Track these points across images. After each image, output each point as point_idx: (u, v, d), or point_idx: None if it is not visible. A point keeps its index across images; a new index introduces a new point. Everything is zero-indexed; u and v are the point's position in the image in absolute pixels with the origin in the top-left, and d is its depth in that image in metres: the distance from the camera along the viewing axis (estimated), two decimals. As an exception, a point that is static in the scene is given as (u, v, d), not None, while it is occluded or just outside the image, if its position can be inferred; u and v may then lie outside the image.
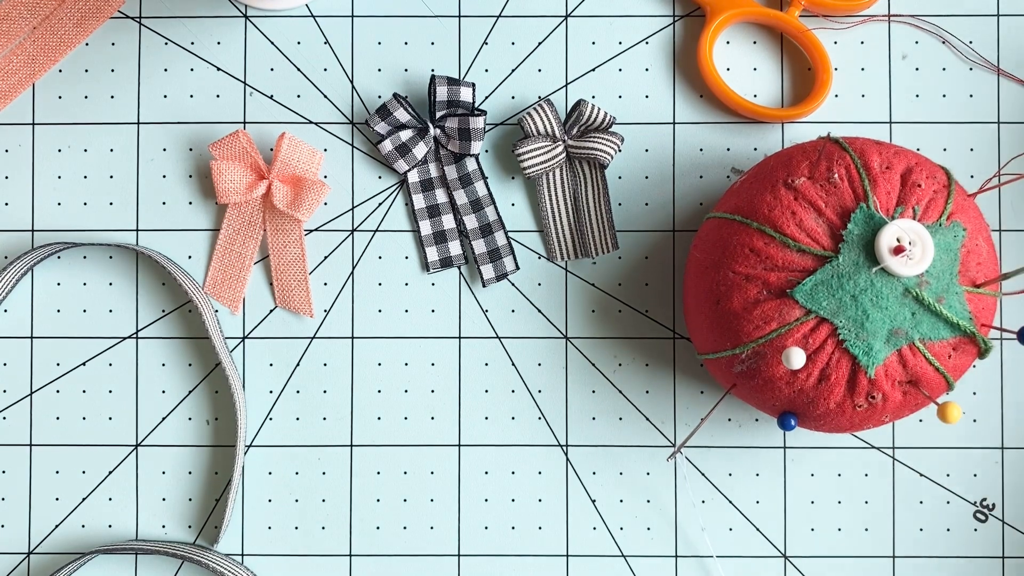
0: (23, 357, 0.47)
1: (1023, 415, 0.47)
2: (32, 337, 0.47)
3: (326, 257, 0.47)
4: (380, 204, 0.47)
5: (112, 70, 0.48)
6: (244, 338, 0.47)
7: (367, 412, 0.47)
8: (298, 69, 0.47)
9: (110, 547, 0.47)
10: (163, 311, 0.47)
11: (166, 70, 0.48)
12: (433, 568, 0.47)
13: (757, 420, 0.47)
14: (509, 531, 0.47)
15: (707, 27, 0.46)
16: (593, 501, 0.47)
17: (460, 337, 0.47)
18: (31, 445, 0.47)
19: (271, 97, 0.47)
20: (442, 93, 0.45)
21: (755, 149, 0.47)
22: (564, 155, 0.46)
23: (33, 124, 0.48)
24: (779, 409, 0.41)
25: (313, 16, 0.47)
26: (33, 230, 0.47)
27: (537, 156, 0.46)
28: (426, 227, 0.47)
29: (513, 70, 0.47)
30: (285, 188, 0.46)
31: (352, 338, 0.47)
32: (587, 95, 0.47)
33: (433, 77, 0.45)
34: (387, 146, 0.46)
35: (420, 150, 0.46)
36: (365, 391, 0.47)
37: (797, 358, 0.38)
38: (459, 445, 0.47)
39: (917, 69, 0.47)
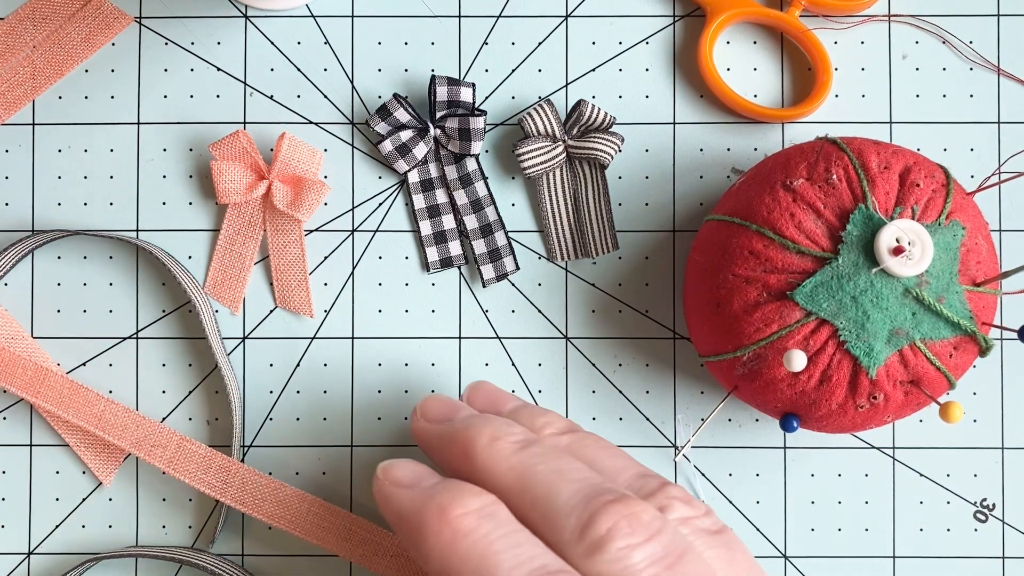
0: (23, 357, 0.47)
1: (1023, 415, 0.47)
2: (32, 337, 0.47)
3: (326, 257, 0.47)
4: (380, 204, 0.47)
5: (112, 70, 0.48)
6: (244, 338, 0.47)
7: (367, 412, 0.47)
8: (298, 69, 0.47)
9: (108, 554, 0.47)
10: (163, 311, 0.47)
11: (166, 70, 0.48)
12: (433, 568, 0.47)
13: (757, 420, 0.47)
14: (509, 531, 0.47)
15: (707, 27, 0.46)
16: (593, 501, 0.47)
17: (460, 337, 0.47)
18: (31, 445, 0.47)
19: (271, 97, 0.47)
20: (442, 93, 0.45)
21: (755, 149, 0.47)
22: (564, 155, 0.46)
23: (33, 124, 0.48)
24: (781, 411, 0.41)
25: (313, 16, 0.47)
26: (33, 231, 0.47)
27: (537, 156, 0.46)
28: (426, 227, 0.47)
29: (513, 70, 0.47)
30: (285, 188, 0.46)
31: (352, 338, 0.47)
32: (587, 95, 0.47)
33: (433, 77, 0.45)
34: (387, 146, 0.46)
35: (420, 150, 0.46)
36: (365, 391, 0.47)
37: (798, 360, 0.38)
38: (459, 445, 0.47)
39: (917, 69, 0.47)
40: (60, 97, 0.48)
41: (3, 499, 0.47)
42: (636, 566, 0.25)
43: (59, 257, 0.47)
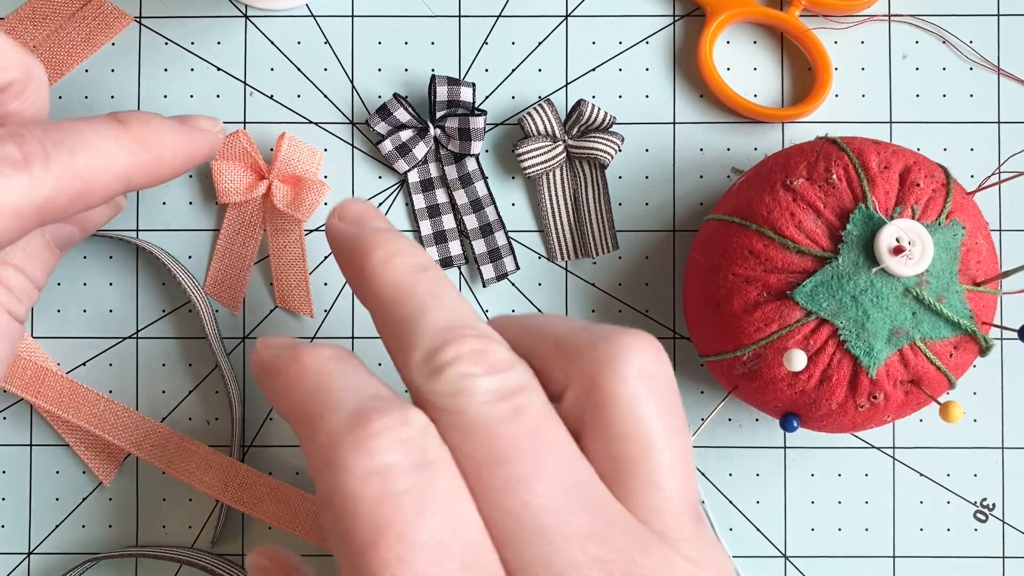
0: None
1: (1023, 415, 0.47)
2: (33, 337, 0.47)
3: (326, 257, 0.47)
4: (380, 204, 0.47)
5: (112, 70, 0.48)
6: (244, 338, 0.47)
7: (367, 412, 0.47)
8: (298, 69, 0.47)
9: (108, 554, 0.47)
10: (163, 311, 0.47)
11: (166, 70, 0.48)
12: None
13: (757, 420, 0.47)
14: (509, 531, 0.47)
15: (707, 27, 0.46)
16: (593, 501, 0.47)
17: (460, 337, 0.47)
18: (31, 445, 0.47)
19: (271, 97, 0.47)
20: (442, 93, 0.45)
21: (755, 149, 0.47)
22: (564, 155, 0.46)
23: (33, 124, 0.47)
24: (781, 410, 0.41)
25: (313, 16, 0.47)
26: (33, 230, 0.47)
27: (537, 156, 0.46)
28: (426, 227, 0.47)
29: (513, 70, 0.47)
30: (285, 188, 0.46)
31: (352, 338, 0.47)
32: (587, 95, 0.47)
33: (433, 77, 0.45)
34: (387, 146, 0.46)
35: (420, 150, 0.46)
36: (365, 391, 0.47)
37: (798, 360, 0.38)
38: (459, 445, 0.47)
39: (917, 69, 0.47)
40: (60, 97, 0.48)
41: (3, 499, 0.47)
42: (471, 390, 0.27)
43: (59, 257, 0.47)
